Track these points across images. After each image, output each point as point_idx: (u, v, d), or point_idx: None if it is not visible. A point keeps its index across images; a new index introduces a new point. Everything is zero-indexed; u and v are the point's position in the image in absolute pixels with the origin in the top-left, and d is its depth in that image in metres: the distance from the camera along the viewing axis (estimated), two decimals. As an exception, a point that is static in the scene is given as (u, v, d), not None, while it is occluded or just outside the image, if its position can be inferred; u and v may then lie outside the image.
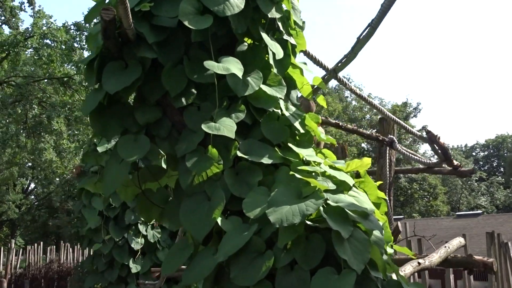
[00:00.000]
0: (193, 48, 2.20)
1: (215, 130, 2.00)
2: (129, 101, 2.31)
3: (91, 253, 5.46)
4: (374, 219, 1.89)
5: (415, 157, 4.01)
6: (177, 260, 2.01)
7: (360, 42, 2.31)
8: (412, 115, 40.80)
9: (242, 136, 2.13)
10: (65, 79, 14.31)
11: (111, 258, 4.97)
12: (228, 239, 1.86)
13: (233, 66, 2.06)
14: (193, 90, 2.17)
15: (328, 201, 1.82)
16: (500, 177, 47.65)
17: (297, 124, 2.22)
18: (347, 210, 1.80)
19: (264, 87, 2.19)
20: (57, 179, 14.91)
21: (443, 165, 4.14)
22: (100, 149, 5.09)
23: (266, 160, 2.04)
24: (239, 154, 2.05)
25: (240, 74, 2.06)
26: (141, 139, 2.11)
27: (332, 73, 2.68)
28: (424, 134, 3.96)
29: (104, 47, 2.12)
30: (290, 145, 2.14)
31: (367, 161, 2.15)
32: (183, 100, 2.14)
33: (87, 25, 14.68)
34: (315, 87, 2.55)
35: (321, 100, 2.56)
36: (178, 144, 2.11)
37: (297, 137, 2.28)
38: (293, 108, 2.30)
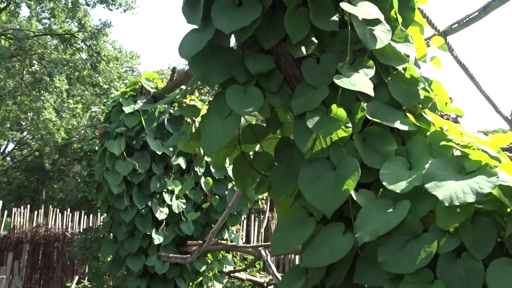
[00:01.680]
0: (314, -11, 1.86)
1: (350, 85, 1.68)
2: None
3: (105, 220, 5.10)
4: (538, 204, 1.59)
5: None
6: (294, 238, 1.68)
7: (501, -1, 1.98)
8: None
9: (364, 98, 1.81)
10: (67, 36, 13.63)
11: (132, 227, 4.61)
12: (369, 216, 1.55)
13: (374, 11, 1.73)
14: (313, 39, 1.83)
15: (495, 179, 1.51)
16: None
17: (424, 88, 1.91)
18: (519, 191, 1.50)
19: (392, 43, 1.87)
20: (52, 139, 14.28)
21: None
22: (126, 109, 4.70)
23: (400, 126, 1.72)
24: (368, 117, 1.74)
25: (383, 20, 1.73)
26: (252, 90, 1.78)
27: (442, 35, 2.35)
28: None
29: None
30: (426, 111, 1.83)
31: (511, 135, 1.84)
32: (303, 49, 1.80)
33: None
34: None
35: (437, 63, 2.24)
36: (294, 100, 1.78)
37: (419, 104, 1.97)
38: (418, 70, 1.98)
